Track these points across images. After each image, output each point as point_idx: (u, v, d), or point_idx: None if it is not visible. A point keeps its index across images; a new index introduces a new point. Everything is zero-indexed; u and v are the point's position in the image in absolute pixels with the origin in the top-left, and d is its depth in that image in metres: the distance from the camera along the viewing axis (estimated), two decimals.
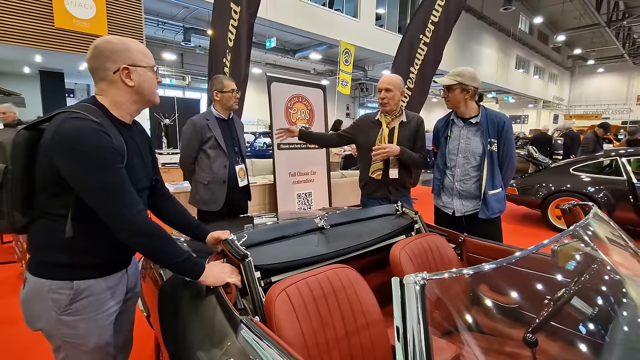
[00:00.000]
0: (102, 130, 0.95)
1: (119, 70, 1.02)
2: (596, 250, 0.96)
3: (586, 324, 0.95)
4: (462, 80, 1.96)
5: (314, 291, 1.13)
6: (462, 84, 1.96)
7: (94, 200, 0.96)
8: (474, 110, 2.05)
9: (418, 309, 0.58)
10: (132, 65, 1.03)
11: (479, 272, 0.66)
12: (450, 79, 1.98)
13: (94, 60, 1.02)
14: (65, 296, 1.00)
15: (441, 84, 2.07)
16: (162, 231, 1.03)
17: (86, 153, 0.92)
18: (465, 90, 1.98)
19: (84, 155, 0.92)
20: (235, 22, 2.73)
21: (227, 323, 0.96)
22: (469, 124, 2.06)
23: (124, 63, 1.02)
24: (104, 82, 1.04)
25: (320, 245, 1.47)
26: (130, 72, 1.03)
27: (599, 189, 4.41)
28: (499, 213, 2.07)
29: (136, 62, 1.04)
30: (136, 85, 1.05)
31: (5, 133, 0.99)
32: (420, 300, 0.58)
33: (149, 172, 1.20)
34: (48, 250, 1.01)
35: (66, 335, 1.03)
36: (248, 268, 1.12)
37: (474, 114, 2.05)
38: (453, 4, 4.00)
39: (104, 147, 0.95)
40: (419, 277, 0.60)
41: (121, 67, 1.02)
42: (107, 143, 0.95)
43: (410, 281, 0.60)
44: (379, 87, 2.25)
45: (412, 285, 0.59)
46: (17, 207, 1.00)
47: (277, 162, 3.85)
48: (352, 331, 1.15)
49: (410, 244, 1.53)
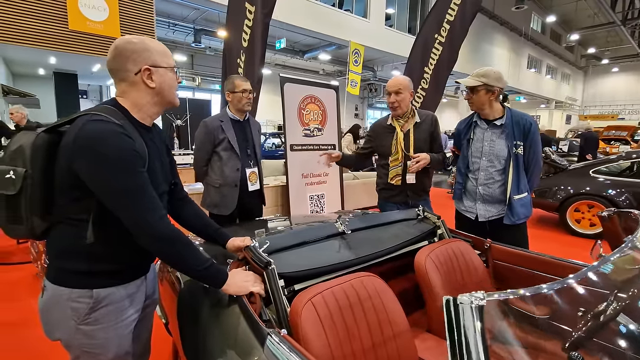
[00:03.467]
0: (124, 133, 0.92)
1: (140, 71, 0.99)
2: None
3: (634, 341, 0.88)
4: (487, 81, 1.89)
5: (340, 301, 1.08)
6: (487, 85, 1.89)
7: (115, 204, 0.92)
8: (498, 111, 1.98)
9: (476, 333, 0.52)
10: (153, 66, 1.00)
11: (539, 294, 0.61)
12: (475, 80, 1.91)
13: (115, 61, 0.99)
14: (85, 305, 0.97)
15: (463, 85, 2.01)
16: (184, 237, 1.00)
17: (108, 156, 0.89)
18: (490, 91, 1.91)
19: (105, 158, 0.89)
20: (250, 22, 2.70)
21: (253, 335, 0.92)
22: (494, 126, 1.99)
23: (145, 64, 0.99)
24: (124, 84, 1.01)
25: (342, 251, 1.42)
26: (151, 73, 1.00)
27: (620, 192, 4.27)
28: (524, 219, 2.00)
29: (157, 63, 1.01)
30: (157, 86, 1.02)
31: (25, 136, 0.97)
32: (479, 323, 0.53)
33: (167, 176, 1.17)
34: (67, 257, 0.98)
35: (85, 345, 1.00)
36: (272, 276, 1.08)
37: (498, 116, 1.98)
38: (469, 3, 3.91)
39: (126, 150, 0.92)
40: (476, 297, 0.55)
41: (142, 68, 0.99)
42: (129, 146, 0.92)
43: (465, 301, 0.54)
44: (388, 91, 2.17)
45: (469, 306, 0.54)
46: (37, 213, 0.97)
47: (289, 164, 3.81)
48: (379, 342, 1.10)
49: (435, 250, 1.47)
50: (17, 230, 0.99)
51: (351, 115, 23.86)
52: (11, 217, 0.97)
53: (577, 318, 0.72)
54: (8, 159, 0.95)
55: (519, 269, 1.59)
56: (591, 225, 4.53)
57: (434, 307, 1.38)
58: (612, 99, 28.29)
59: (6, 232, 1.02)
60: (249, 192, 2.35)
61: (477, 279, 1.54)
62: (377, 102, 24.81)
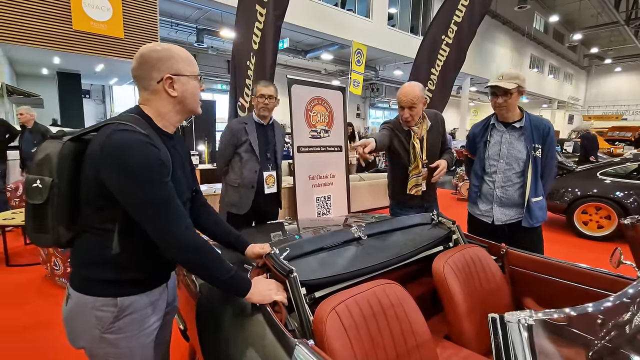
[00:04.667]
0: (150, 143, 0.92)
1: (162, 79, 0.98)
2: None
3: None
4: (520, 83, 1.88)
5: (363, 310, 1.07)
6: (519, 87, 1.88)
7: (140, 215, 0.92)
8: (517, 114, 1.98)
9: (525, 353, 0.51)
10: (176, 74, 0.99)
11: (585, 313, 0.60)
12: (510, 83, 1.87)
13: (140, 69, 0.98)
14: (110, 313, 0.97)
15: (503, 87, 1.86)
16: (209, 247, 0.99)
17: (134, 167, 0.88)
18: (520, 92, 1.91)
19: (132, 169, 0.88)
20: (261, 24, 2.68)
21: (280, 346, 0.91)
22: (512, 129, 1.98)
23: (167, 72, 0.98)
24: (147, 92, 1.00)
25: (360, 257, 1.41)
26: (173, 82, 0.99)
27: (628, 194, 4.25)
28: (541, 221, 2.00)
29: (180, 71, 1.00)
30: (179, 95, 1.01)
31: (51, 145, 0.96)
32: (529, 344, 0.52)
33: (190, 183, 1.16)
34: (93, 266, 0.97)
35: (109, 354, 0.99)
36: (294, 284, 1.07)
37: (517, 119, 1.97)
38: (477, 4, 3.89)
39: (152, 160, 0.91)
40: (525, 316, 0.53)
41: (165, 76, 0.97)
42: (155, 156, 0.91)
43: (513, 320, 0.53)
44: (401, 105, 2.04)
45: (517, 325, 0.53)
46: (62, 222, 0.96)
47: (297, 165, 3.80)
48: (403, 353, 1.09)
49: (453, 256, 1.46)
50: (43, 240, 0.98)
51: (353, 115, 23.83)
52: (37, 227, 0.96)
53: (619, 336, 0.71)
54: (35, 168, 0.95)
55: (536, 275, 1.58)
56: (599, 228, 4.51)
57: (453, 314, 1.37)
58: (615, 99, 28.20)
59: (32, 240, 1.01)
60: (265, 195, 2.41)
61: (495, 286, 1.53)
62: (379, 102, 24.76)
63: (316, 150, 3.98)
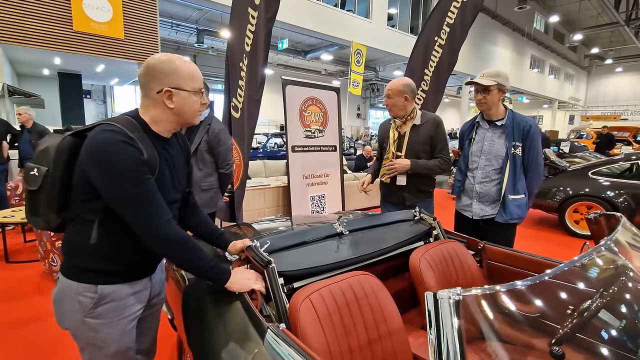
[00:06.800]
0: (130, 143, 0.96)
1: (161, 91, 1.02)
2: (627, 262, 0.95)
3: (615, 337, 0.93)
4: (500, 81, 1.95)
5: (337, 299, 1.14)
6: (499, 84, 1.95)
7: (122, 209, 0.98)
8: (501, 112, 2.04)
9: (454, 326, 0.58)
10: (175, 88, 1.03)
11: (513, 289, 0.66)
12: (489, 80, 1.95)
13: (143, 77, 1.04)
14: (90, 299, 1.03)
15: (469, 86, 2.03)
16: (189, 240, 1.06)
17: (113, 165, 0.94)
18: (501, 90, 1.97)
19: (111, 167, 0.94)
20: (253, 27, 2.75)
21: (254, 330, 0.98)
22: (495, 127, 2.05)
23: (167, 86, 1.02)
24: (147, 99, 1.05)
25: (340, 251, 1.47)
26: (172, 95, 1.03)
27: (618, 193, 4.30)
28: (517, 220, 2.04)
29: (180, 86, 1.03)
30: (176, 107, 1.05)
31: (52, 138, 1.05)
32: (456, 316, 0.59)
33: (182, 185, 1.21)
34: (76, 253, 1.05)
35: (89, 338, 1.06)
36: (272, 274, 1.14)
37: (501, 117, 2.04)
38: (469, 6, 3.94)
39: (130, 159, 0.95)
40: (454, 293, 0.60)
41: (164, 89, 1.02)
42: (133, 155, 0.96)
43: (444, 296, 0.60)
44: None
45: (447, 301, 0.60)
46: (52, 209, 1.04)
47: (291, 165, 3.87)
48: (375, 339, 1.15)
49: (430, 251, 1.53)
50: (36, 222, 1.07)
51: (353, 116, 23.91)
52: (33, 210, 1.06)
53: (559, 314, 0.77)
54: (36, 158, 1.04)
55: (513, 269, 1.64)
56: None
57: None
58: (615, 99, 28.18)
59: (29, 222, 1.11)
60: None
61: (471, 279, 1.59)
62: (379, 102, 24.84)
63: (310, 149, 4.04)
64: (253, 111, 3.05)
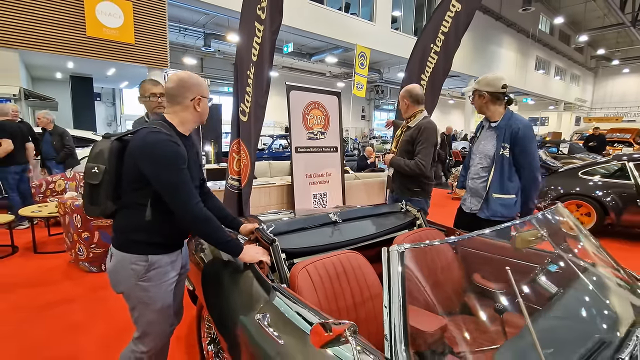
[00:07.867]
0: (173, 141, 1.27)
1: (194, 99, 1.36)
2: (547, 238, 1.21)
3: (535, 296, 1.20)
4: (477, 87, 2.15)
5: (329, 271, 1.41)
6: (478, 91, 2.15)
7: (165, 192, 1.27)
8: (498, 114, 2.15)
9: (399, 269, 0.85)
10: (202, 96, 1.39)
11: (446, 243, 0.92)
12: (471, 87, 2.19)
13: (177, 88, 1.34)
14: (142, 267, 1.32)
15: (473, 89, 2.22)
16: (212, 218, 1.35)
17: (161, 157, 1.24)
18: (480, 95, 2.14)
19: (159, 159, 1.24)
20: (259, 39, 3.03)
21: (262, 289, 1.26)
22: (490, 128, 2.21)
23: (198, 94, 1.37)
24: (179, 106, 1.37)
25: (333, 236, 1.75)
26: (200, 101, 1.38)
27: (607, 192, 4.51)
28: (500, 217, 2.12)
29: (203, 94, 1.40)
30: (201, 110, 1.41)
31: (103, 143, 1.34)
32: (400, 262, 0.85)
33: (199, 173, 1.53)
34: (131, 230, 1.33)
35: (141, 297, 1.35)
36: (276, 250, 1.42)
37: (498, 118, 2.14)
38: (463, 15, 4.19)
39: (174, 153, 1.26)
40: (401, 247, 0.87)
41: (197, 97, 1.37)
42: (176, 149, 1.27)
43: (394, 249, 0.87)
44: None
45: (395, 253, 0.86)
46: (110, 198, 1.33)
47: (294, 164, 4.15)
48: (359, 302, 1.42)
49: (411, 236, 1.79)
50: (94, 211, 1.36)
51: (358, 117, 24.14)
52: (92, 200, 1.35)
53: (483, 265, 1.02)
54: (92, 159, 1.33)
55: (484, 255, 1.89)
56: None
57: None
58: (622, 100, 28.05)
59: (86, 211, 1.39)
60: None
61: (446, 263, 1.84)
62: (383, 104, 25.02)
63: (313, 150, 4.32)
64: (259, 115, 3.33)
